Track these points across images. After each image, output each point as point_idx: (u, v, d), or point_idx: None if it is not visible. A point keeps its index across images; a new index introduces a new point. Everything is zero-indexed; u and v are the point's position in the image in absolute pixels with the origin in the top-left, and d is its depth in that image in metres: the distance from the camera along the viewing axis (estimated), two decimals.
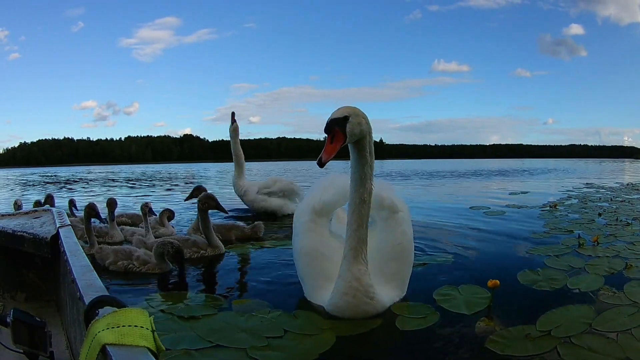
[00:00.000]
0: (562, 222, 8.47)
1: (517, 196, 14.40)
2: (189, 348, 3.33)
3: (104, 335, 1.35)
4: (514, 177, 27.40)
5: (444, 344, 3.41)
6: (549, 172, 32.32)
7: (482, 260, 5.73)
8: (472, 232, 7.70)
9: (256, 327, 3.75)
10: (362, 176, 3.84)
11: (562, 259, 5.56)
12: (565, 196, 13.78)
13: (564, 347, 3.17)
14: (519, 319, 3.68)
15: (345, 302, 3.88)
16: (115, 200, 7.24)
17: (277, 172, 33.92)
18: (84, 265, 2.33)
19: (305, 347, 3.41)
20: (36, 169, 76.02)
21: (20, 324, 2.31)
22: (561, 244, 6.42)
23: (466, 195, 15.87)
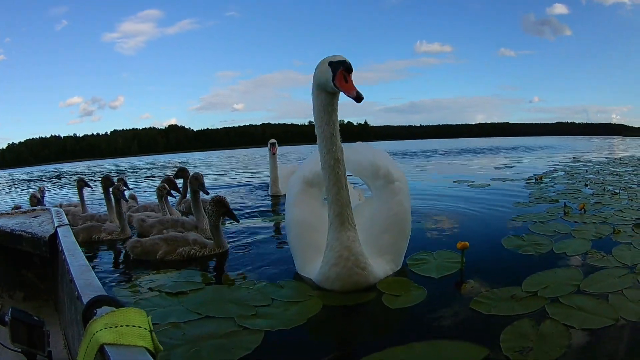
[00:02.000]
0: (548, 193, 8.42)
1: (503, 170, 14.35)
2: (178, 321, 3.29)
3: (102, 335, 1.31)
4: (500, 154, 27.28)
5: (428, 307, 3.31)
6: (539, 149, 32.18)
7: (465, 228, 5.66)
8: (456, 203, 7.66)
9: (243, 297, 3.72)
10: (333, 133, 3.63)
11: (548, 225, 5.50)
12: (552, 169, 13.74)
13: (552, 306, 3.08)
14: (504, 281, 3.60)
15: (334, 273, 3.69)
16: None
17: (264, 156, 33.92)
18: (82, 264, 2.27)
19: (292, 314, 3.37)
20: (24, 169, 76.19)
21: (18, 323, 2.23)
22: (546, 212, 6.36)
23: (450, 170, 15.83)
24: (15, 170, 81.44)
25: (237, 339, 2.99)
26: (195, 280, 4.21)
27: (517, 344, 2.57)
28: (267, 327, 3.13)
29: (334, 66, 3.38)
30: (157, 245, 5.06)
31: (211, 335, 3.06)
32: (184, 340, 2.98)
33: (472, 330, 2.83)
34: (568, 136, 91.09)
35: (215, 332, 3.10)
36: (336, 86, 3.35)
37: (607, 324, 2.82)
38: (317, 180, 4.35)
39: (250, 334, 3.04)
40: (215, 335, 3.06)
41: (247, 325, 3.17)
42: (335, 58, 3.43)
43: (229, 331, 3.11)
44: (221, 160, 41.33)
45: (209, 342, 2.96)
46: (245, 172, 20.24)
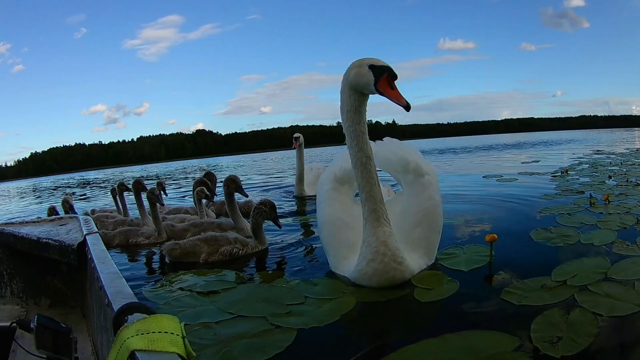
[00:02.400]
0: (574, 185, 8.42)
1: (529, 165, 14.35)
2: (209, 321, 3.28)
3: (133, 341, 1.31)
4: (526, 149, 27.14)
5: (460, 300, 3.34)
6: (563, 143, 31.89)
7: (494, 222, 5.67)
8: (485, 197, 7.71)
9: (276, 296, 3.71)
10: (364, 132, 3.68)
11: (575, 216, 5.50)
12: (577, 162, 13.74)
13: (581, 294, 3.10)
14: (534, 272, 3.61)
15: (372, 269, 3.66)
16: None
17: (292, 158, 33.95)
18: (113, 272, 2.29)
19: (326, 311, 3.37)
20: (49, 177, 76.37)
21: (44, 330, 2.26)
22: (573, 204, 6.37)
23: (479, 167, 15.72)
24: (40, 179, 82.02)
25: (269, 338, 2.99)
26: (228, 280, 4.21)
27: (547, 333, 2.59)
28: (300, 325, 3.13)
29: (376, 70, 3.40)
30: (197, 247, 5.05)
31: (243, 334, 3.06)
32: (215, 340, 2.99)
33: (503, 320, 2.86)
34: (591, 129, 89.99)
35: (247, 331, 3.10)
36: (380, 91, 3.39)
37: (635, 310, 2.83)
38: (347, 177, 4.40)
39: (283, 332, 3.04)
40: (247, 334, 3.06)
41: (280, 323, 3.16)
42: (375, 62, 3.45)
43: (261, 330, 3.10)
44: (252, 163, 41.47)
45: (240, 341, 2.96)
46: (272, 174, 20.29)
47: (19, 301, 3.77)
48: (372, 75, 3.40)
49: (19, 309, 3.69)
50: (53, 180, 52.02)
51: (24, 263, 3.77)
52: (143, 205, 6.74)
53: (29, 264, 3.75)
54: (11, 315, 3.51)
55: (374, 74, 3.39)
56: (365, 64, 3.45)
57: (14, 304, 3.75)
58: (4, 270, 3.78)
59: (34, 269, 3.75)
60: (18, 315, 3.55)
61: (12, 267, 3.79)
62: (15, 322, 2.44)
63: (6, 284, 3.78)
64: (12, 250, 3.77)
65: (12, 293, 3.79)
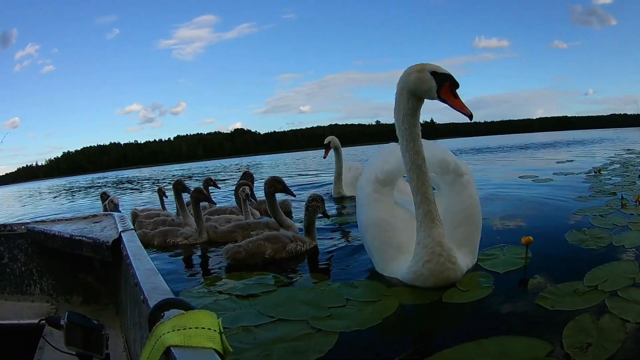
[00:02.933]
0: (606, 185, 8.41)
1: (564, 164, 14.33)
2: (249, 324, 3.30)
3: (169, 337, 1.30)
4: (561, 148, 26.92)
5: (496, 303, 3.41)
6: (596, 142, 31.41)
7: (531, 223, 5.71)
8: (522, 198, 7.75)
9: (317, 299, 3.74)
10: (419, 134, 3.70)
11: (607, 218, 5.52)
12: (609, 162, 13.68)
13: (611, 300, 3.15)
14: (568, 275, 3.67)
15: (428, 270, 3.70)
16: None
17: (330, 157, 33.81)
18: (149, 268, 2.29)
19: (367, 314, 3.40)
20: (84, 176, 76.54)
21: (74, 327, 2.27)
22: (606, 205, 6.38)
23: (515, 166, 15.64)
24: (74, 178, 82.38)
25: (310, 342, 3.00)
26: (267, 283, 4.21)
27: (578, 339, 2.65)
28: (342, 328, 3.14)
29: (438, 78, 3.41)
30: (262, 247, 5.12)
31: (283, 338, 3.06)
32: (254, 344, 2.99)
33: (537, 325, 2.92)
34: (622, 128, 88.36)
35: (287, 335, 3.10)
36: (443, 99, 3.42)
37: None
38: (389, 179, 4.36)
39: (324, 336, 3.05)
40: (287, 338, 3.06)
41: (321, 327, 3.17)
42: (436, 68, 3.46)
43: (302, 334, 3.11)
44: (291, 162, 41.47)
45: (280, 345, 2.96)
46: (309, 174, 20.55)
47: (48, 298, 3.80)
48: (434, 82, 3.42)
49: (49, 306, 3.71)
50: (90, 179, 52.49)
51: (55, 261, 3.81)
52: (184, 205, 6.81)
53: (61, 262, 3.78)
54: (40, 312, 3.52)
55: (437, 81, 3.42)
56: (427, 70, 3.46)
57: (43, 302, 3.79)
58: (33, 268, 3.84)
59: (66, 267, 3.78)
60: (47, 312, 3.56)
61: (42, 264, 3.84)
62: (44, 319, 2.47)
63: (35, 281, 3.83)
64: (42, 248, 3.80)
65: (42, 290, 3.82)
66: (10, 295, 3.83)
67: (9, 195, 36.90)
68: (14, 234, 3.86)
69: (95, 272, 3.74)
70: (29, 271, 3.84)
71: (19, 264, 3.85)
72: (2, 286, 3.84)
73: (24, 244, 3.85)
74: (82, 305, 3.69)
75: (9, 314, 3.54)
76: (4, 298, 3.82)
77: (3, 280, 3.84)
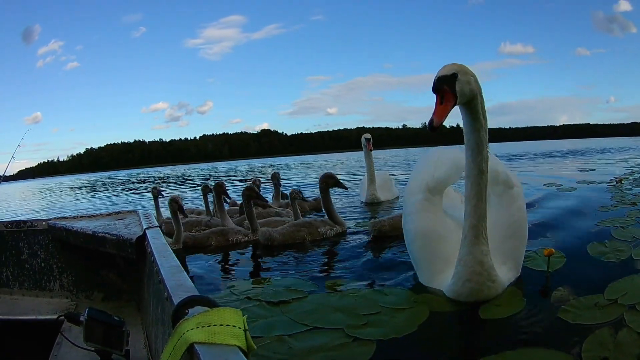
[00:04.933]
0: (627, 196, 8.35)
1: (587, 173, 14.26)
2: (283, 334, 3.25)
3: (193, 334, 1.27)
4: (583, 156, 26.70)
5: (522, 316, 3.42)
6: (617, 151, 30.90)
7: (555, 234, 5.68)
8: (546, 207, 7.73)
9: (350, 305, 3.72)
10: (479, 143, 3.43)
11: (627, 230, 5.51)
12: (629, 171, 13.60)
13: (629, 313, 3.16)
14: (589, 289, 3.67)
15: (467, 289, 3.59)
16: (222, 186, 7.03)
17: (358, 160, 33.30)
18: (174, 265, 2.22)
19: (402, 321, 3.39)
20: (107, 173, 76.38)
21: (94, 323, 2.30)
22: (626, 216, 6.37)
23: (540, 174, 15.50)
24: (96, 174, 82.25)
25: (347, 351, 2.96)
26: (298, 289, 4.17)
27: (596, 353, 2.68)
28: (379, 336, 3.12)
29: None
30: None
31: (319, 348, 3.01)
32: (290, 354, 2.95)
33: (559, 338, 2.94)
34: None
35: (324, 344, 3.06)
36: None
37: None
38: (440, 187, 4.19)
39: (361, 345, 3.02)
40: (324, 347, 3.01)
41: (358, 335, 3.14)
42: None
43: (338, 343, 3.06)
44: (314, 163, 41.59)
45: (317, 355, 2.93)
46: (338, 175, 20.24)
47: (68, 294, 3.80)
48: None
49: (68, 302, 3.70)
50: (121, 176, 52.47)
51: (76, 257, 3.78)
52: (224, 207, 6.85)
53: (82, 258, 3.76)
54: (59, 308, 3.49)
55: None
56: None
57: (62, 298, 3.78)
58: (53, 264, 3.83)
59: (87, 263, 3.76)
60: (66, 308, 3.54)
61: (62, 261, 3.83)
62: (63, 314, 2.47)
63: (55, 277, 3.83)
64: (63, 244, 3.79)
65: (62, 287, 3.82)
66: (28, 291, 3.85)
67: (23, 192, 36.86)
68: (35, 230, 3.87)
69: (117, 269, 3.72)
70: (49, 267, 3.84)
71: (39, 260, 3.86)
72: (21, 281, 3.86)
73: (45, 240, 3.86)
74: (103, 302, 3.69)
75: (27, 309, 3.57)
76: (21, 293, 3.84)
77: (22, 276, 3.87)
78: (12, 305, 3.65)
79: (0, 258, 3.87)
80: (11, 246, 3.88)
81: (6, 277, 3.87)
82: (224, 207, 6.89)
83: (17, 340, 3.35)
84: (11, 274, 3.87)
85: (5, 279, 3.87)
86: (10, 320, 3.38)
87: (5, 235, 3.88)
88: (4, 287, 3.87)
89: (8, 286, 3.87)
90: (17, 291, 3.86)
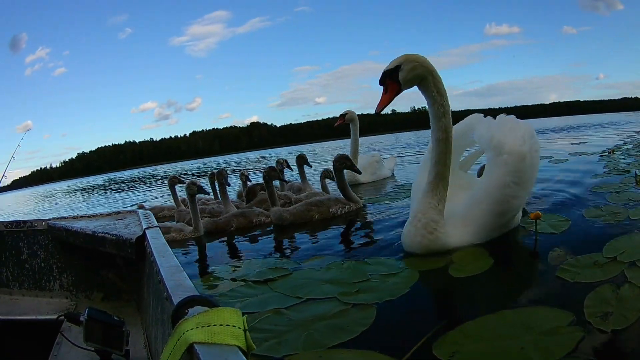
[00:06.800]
0: (620, 164, 8.26)
1: (578, 146, 14.10)
2: (279, 307, 3.22)
3: (192, 334, 1.25)
4: (575, 131, 26.56)
5: (518, 278, 3.43)
6: (608, 125, 30.95)
7: (550, 202, 5.57)
8: (538, 179, 7.48)
9: (337, 277, 3.70)
10: (435, 114, 3.82)
11: (623, 194, 5.42)
12: (622, 143, 13.45)
13: (630, 270, 3.06)
14: (587, 249, 3.56)
15: (408, 233, 3.97)
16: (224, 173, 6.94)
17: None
18: (173, 265, 2.18)
19: (393, 284, 3.38)
20: (100, 176, 76.70)
21: (94, 323, 2.25)
22: (620, 182, 6.27)
23: None
24: (89, 178, 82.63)
25: (349, 317, 2.92)
26: (279, 267, 4.12)
27: (598, 309, 2.58)
28: (375, 299, 3.11)
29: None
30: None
31: (321, 316, 2.97)
32: (292, 325, 2.90)
33: (559, 297, 2.85)
34: (635, 111, 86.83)
35: (323, 313, 3.02)
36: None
37: None
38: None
39: (361, 309, 2.99)
40: (325, 316, 2.97)
41: (355, 301, 3.12)
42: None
43: (338, 310, 3.03)
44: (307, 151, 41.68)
45: (320, 323, 2.87)
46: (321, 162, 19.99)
47: (68, 294, 3.73)
48: None
49: (68, 302, 3.64)
50: (107, 178, 52.76)
51: (76, 257, 3.70)
52: (226, 193, 6.81)
53: (82, 258, 3.68)
54: (58, 308, 3.44)
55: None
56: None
57: (62, 298, 3.72)
58: (53, 264, 3.76)
59: (87, 263, 3.68)
60: (66, 308, 3.49)
61: (62, 261, 3.75)
62: (63, 314, 2.42)
63: (55, 277, 3.76)
64: (63, 244, 3.72)
65: (62, 287, 3.75)
66: (28, 291, 3.80)
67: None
68: (35, 230, 3.81)
69: (117, 269, 3.65)
70: (49, 267, 3.78)
71: (39, 260, 3.80)
72: (21, 282, 3.81)
73: (45, 240, 3.79)
74: (103, 302, 3.63)
75: (27, 309, 3.52)
76: (21, 294, 3.79)
77: (21, 276, 3.81)
78: (12, 305, 3.61)
79: (0, 258, 3.83)
80: (11, 246, 3.83)
81: (6, 277, 3.83)
82: (226, 194, 6.85)
83: (16, 340, 3.31)
84: (11, 274, 3.82)
85: (5, 279, 3.83)
86: (10, 320, 3.34)
87: (4, 235, 3.83)
88: (3, 287, 3.83)
89: (8, 286, 3.83)
90: (16, 291, 3.82)
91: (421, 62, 3.74)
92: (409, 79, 3.72)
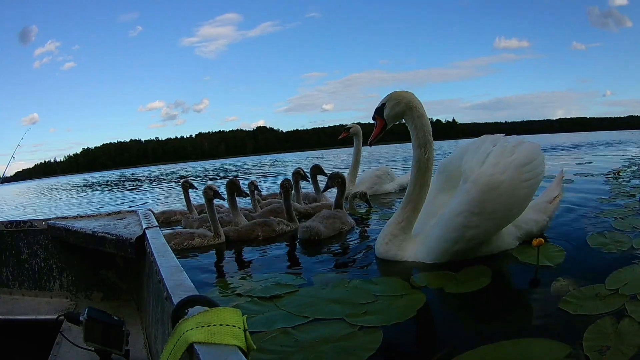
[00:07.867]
0: (625, 188, 8.22)
1: (584, 166, 14.08)
2: (286, 326, 3.17)
3: (192, 333, 1.26)
4: (581, 150, 26.34)
5: (521, 306, 3.43)
6: (614, 143, 30.78)
7: (555, 226, 5.44)
8: None
9: (344, 296, 3.66)
10: (415, 145, 4.29)
11: (627, 220, 5.40)
12: (627, 164, 13.41)
13: (630, 304, 3.06)
14: (590, 279, 3.56)
15: (377, 240, 4.60)
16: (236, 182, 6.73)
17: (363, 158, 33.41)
18: (173, 265, 2.18)
19: (401, 307, 3.37)
20: (103, 173, 76.19)
21: (94, 322, 2.27)
22: (624, 207, 6.26)
23: None
24: (93, 174, 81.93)
25: (356, 340, 2.88)
26: (287, 283, 4.08)
27: (597, 343, 2.59)
28: (382, 322, 3.08)
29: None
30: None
31: (327, 338, 2.93)
32: (298, 346, 2.86)
33: (559, 329, 2.84)
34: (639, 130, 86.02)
35: (330, 335, 2.98)
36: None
37: None
38: (444, 168, 4.86)
39: (368, 333, 2.95)
40: (331, 338, 2.93)
41: (362, 323, 3.08)
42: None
43: (345, 333, 2.99)
44: (307, 160, 41.62)
45: (327, 346, 2.84)
46: None
47: (67, 294, 3.74)
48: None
49: (68, 302, 3.66)
50: (113, 176, 52.53)
51: (76, 257, 3.73)
52: (236, 204, 6.69)
53: (82, 258, 3.70)
54: (58, 308, 3.46)
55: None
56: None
57: (62, 297, 3.73)
58: (53, 264, 3.77)
59: (87, 263, 3.70)
60: (66, 308, 3.51)
61: (62, 260, 3.77)
62: (63, 314, 2.44)
63: (55, 277, 3.77)
64: (63, 244, 3.73)
65: (61, 286, 3.76)
66: (28, 291, 3.81)
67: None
68: (34, 230, 3.82)
69: (117, 269, 3.67)
70: (49, 267, 3.79)
71: (39, 260, 3.80)
72: (20, 282, 3.82)
73: (44, 240, 3.80)
74: (102, 302, 3.65)
75: (27, 309, 3.53)
76: (21, 293, 3.80)
77: (21, 276, 3.82)
78: (12, 305, 3.62)
79: (0, 258, 3.84)
80: (11, 246, 3.84)
81: (6, 277, 3.85)
82: (236, 203, 6.70)
83: (16, 340, 3.33)
84: (11, 273, 3.84)
85: (4, 279, 3.85)
86: (9, 320, 3.36)
87: (4, 235, 3.85)
88: (3, 287, 3.85)
89: (8, 286, 3.85)
90: (16, 291, 3.84)
91: (402, 98, 4.20)
92: (392, 115, 4.27)
